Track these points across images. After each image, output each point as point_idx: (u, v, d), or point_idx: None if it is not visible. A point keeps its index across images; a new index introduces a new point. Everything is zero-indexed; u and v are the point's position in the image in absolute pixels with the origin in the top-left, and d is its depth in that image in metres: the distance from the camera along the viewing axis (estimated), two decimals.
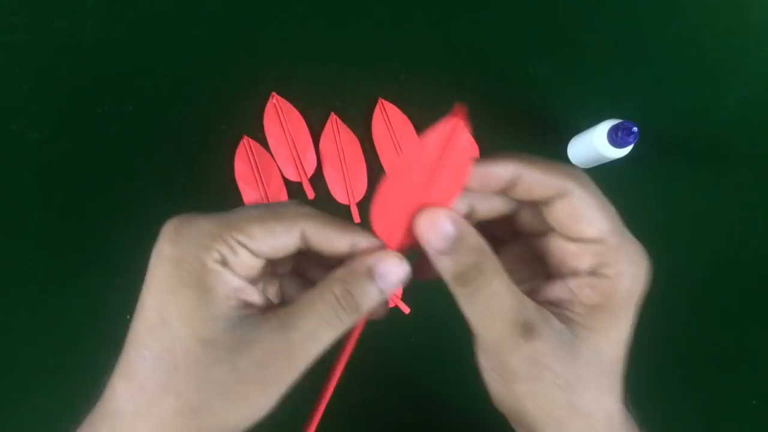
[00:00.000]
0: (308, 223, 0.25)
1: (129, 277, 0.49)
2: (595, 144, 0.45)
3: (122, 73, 0.51)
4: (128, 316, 0.43)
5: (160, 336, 0.23)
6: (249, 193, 0.49)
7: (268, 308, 0.25)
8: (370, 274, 0.24)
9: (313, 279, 0.29)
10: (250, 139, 0.49)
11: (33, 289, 0.48)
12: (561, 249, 0.25)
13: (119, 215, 0.49)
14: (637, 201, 0.51)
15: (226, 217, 0.24)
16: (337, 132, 0.50)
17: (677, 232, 0.50)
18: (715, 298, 0.50)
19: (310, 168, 0.50)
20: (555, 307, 0.25)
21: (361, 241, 0.25)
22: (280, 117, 0.50)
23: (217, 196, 0.49)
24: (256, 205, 0.25)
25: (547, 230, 0.26)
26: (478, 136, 0.50)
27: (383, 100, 0.50)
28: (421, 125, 0.50)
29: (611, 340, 0.25)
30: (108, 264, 0.48)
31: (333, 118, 0.50)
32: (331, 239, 0.25)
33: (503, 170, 0.24)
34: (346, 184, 0.50)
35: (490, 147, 0.51)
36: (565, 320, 0.24)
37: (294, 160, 0.50)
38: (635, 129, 0.43)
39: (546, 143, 0.51)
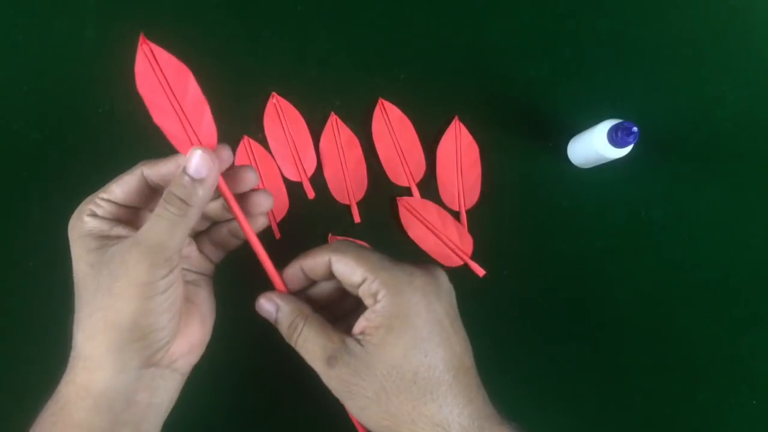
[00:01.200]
0: (145, 166, 0.36)
1: None
2: (595, 144, 0.45)
3: (122, 73, 0.51)
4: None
5: (75, 279, 0.35)
6: None
7: None
8: (185, 173, 0.33)
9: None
10: (251, 139, 0.49)
11: (33, 289, 0.48)
12: (357, 293, 0.35)
13: None
14: (637, 201, 0.51)
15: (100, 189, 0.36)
16: (337, 132, 0.50)
17: (677, 232, 0.50)
18: (715, 298, 0.50)
19: (310, 168, 0.50)
20: (361, 335, 0.33)
21: (180, 158, 0.35)
22: (280, 117, 0.50)
23: (216, 195, 0.49)
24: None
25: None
26: (478, 137, 0.51)
27: (383, 100, 0.50)
28: (421, 125, 0.50)
29: (398, 348, 0.32)
30: None
31: (333, 118, 0.50)
32: (160, 167, 0.35)
33: (293, 270, 0.38)
34: (346, 184, 0.50)
35: (490, 147, 0.51)
36: (364, 343, 0.33)
37: (294, 160, 0.50)
38: (635, 129, 0.43)
39: (546, 143, 0.51)
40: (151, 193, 0.37)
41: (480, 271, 0.49)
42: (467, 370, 0.34)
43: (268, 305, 0.37)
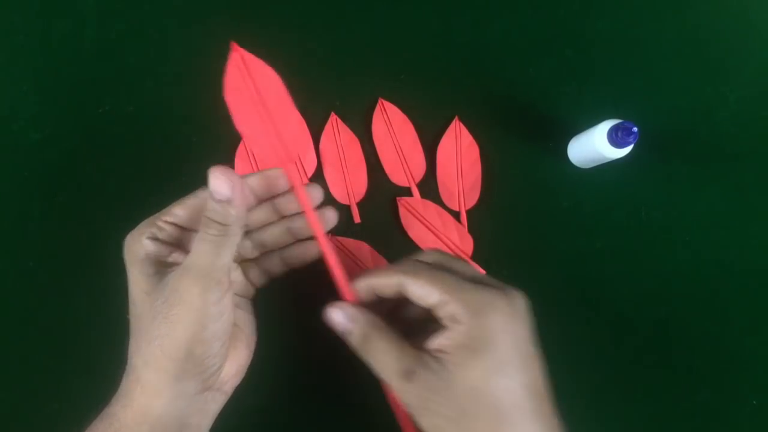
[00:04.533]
0: (203, 190, 0.36)
1: None
2: (595, 144, 0.45)
3: (122, 73, 0.51)
4: (128, 316, 0.43)
5: (130, 303, 0.35)
6: None
7: None
8: (209, 199, 0.33)
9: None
10: None
11: (33, 289, 0.48)
12: (436, 313, 0.33)
13: (119, 215, 0.49)
14: (637, 201, 0.51)
15: (160, 211, 0.36)
16: (337, 132, 0.50)
17: (677, 232, 0.50)
18: (715, 298, 0.50)
19: (310, 168, 0.50)
20: (439, 352, 0.32)
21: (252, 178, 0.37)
22: None
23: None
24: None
25: None
26: (478, 137, 0.51)
27: (383, 100, 0.50)
28: (421, 125, 0.50)
29: (479, 371, 0.31)
30: (108, 264, 0.48)
31: (333, 118, 0.50)
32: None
33: (362, 285, 0.36)
34: (346, 184, 0.50)
35: (490, 147, 0.51)
36: (444, 362, 0.31)
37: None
38: (635, 129, 0.43)
39: (546, 143, 0.51)
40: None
41: (480, 271, 0.49)
42: (545, 397, 0.33)
43: (339, 316, 0.35)
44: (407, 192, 0.50)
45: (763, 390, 0.49)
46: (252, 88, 0.36)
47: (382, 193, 0.50)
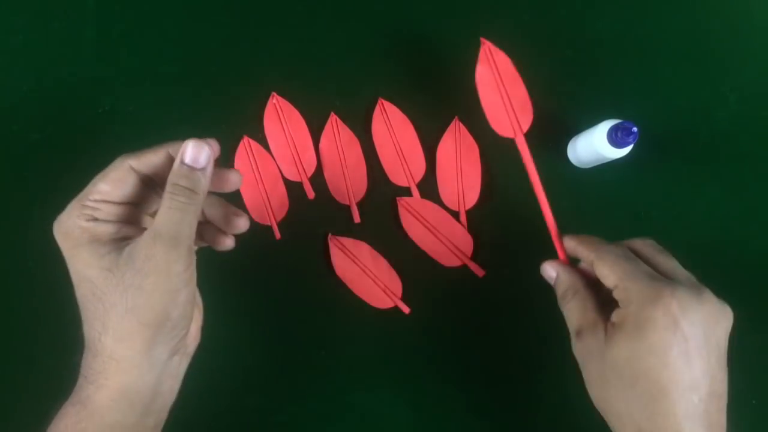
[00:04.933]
0: (131, 159, 0.36)
1: None
2: (595, 144, 0.45)
3: (122, 73, 0.51)
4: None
5: (82, 287, 0.35)
6: (249, 192, 0.49)
7: None
8: (183, 164, 0.35)
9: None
10: (250, 139, 0.49)
11: (33, 289, 0.48)
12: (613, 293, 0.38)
13: None
14: (637, 201, 0.51)
15: (80, 194, 0.36)
16: (337, 132, 0.50)
17: (677, 232, 0.50)
18: None
19: (310, 168, 0.50)
20: (609, 324, 0.37)
21: (172, 146, 0.36)
22: (280, 117, 0.50)
23: (216, 195, 0.49)
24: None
25: None
26: (478, 137, 0.51)
27: (383, 100, 0.50)
28: (421, 125, 0.50)
29: (625, 351, 0.35)
30: None
31: (333, 118, 0.50)
32: (150, 158, 0.36)
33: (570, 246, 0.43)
34: (346, 184, 0.50)
35: (490, 147, 0.51)
36: (608, 333, 0.36)
37: (294, 160, 0.50)
38: (635, 129, 0.43)
39: (546, 143, 0.51)
40: (144, 186, 0.37)
41: (480, 272, 0.49)
42: (697, 396, 0.34)
43: (550, 270, 0.42)
44: (407, 192, 0.50)
45: (763, 390, 0.49)
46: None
47: (382, 193, 0.50)
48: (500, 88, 0.47)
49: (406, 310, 0.49)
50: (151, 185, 0.38)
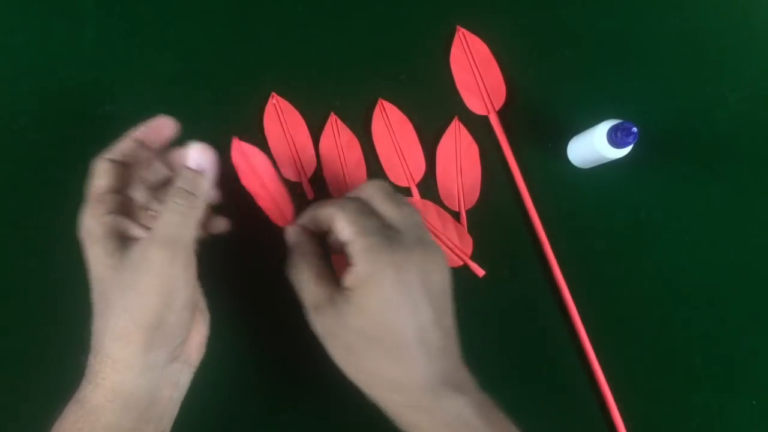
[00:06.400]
0: (105, 153, 0.38)
1: None
2: (594, 144, 0.45)
3: (122, 73, 0.51)
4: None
5: (93, 284, 0.36)
6: (251, 185, 0.49)
7: None
8: (188, 167, 0.36)
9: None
10: (240, 141, 0.49)
11: (33, 289, 0.48)
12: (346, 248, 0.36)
13: None
14: (637, 201, 0.51)
15: (87, 196, 0.37)
16: (337, 132, 0.50)
17: (677, 232, 0.50)
18: (715, 298, 0.50)
19: (310, 168, 0.50)
20: (345, 289, 0.36)
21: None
22: (280, 117, 0.50)
23: None
24: None
25: None
26: (478, 137, 0.51)
27: (383, 100, 0.50)
28: (421, 125, 0.50)
29: (366, 311, 0.35)
30: None
31: (333, 118, 0.50)
32: (120, 147, 0.39)
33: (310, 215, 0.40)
34: (346, 184, 0.50)
35: (490, 147, 0.51)
36: (345, 297, 0.35)
37: (294, 160, 0.50)
38: (635, 129, 0.43)
39: (546, 143, 0.51)
40: (138, 147, 0.40)
41: (480, 272, 0.49)
42: (433, 336, 0.35)
43: (289, 235, 0.40)
44: (407, 192, 0.50)
45: (763, 390, 0.49)
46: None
47: None
48: (473, 69, 0.50)
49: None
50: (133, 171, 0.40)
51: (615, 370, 0.48)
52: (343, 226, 0.36)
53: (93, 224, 0.36)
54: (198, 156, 0.35)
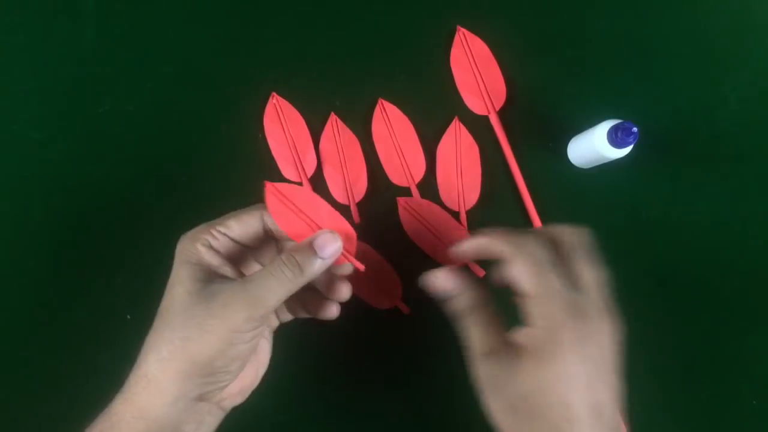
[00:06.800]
0: (266, 211, 0.37)
1: (129, 277, 0.50)
2: (595, 144, 0.45)
3: (122, 73, 0.51)
4: (128, 316, 0.44)
5: (166, 298, 0.35)
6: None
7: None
8: (311, 246, 0.36)
9: None
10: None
11: (33, 289, 0.48)
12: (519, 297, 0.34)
13: (119, 215, 0.49)
14: (637, 201, 0.51)
15: (215, 219, 0.37)
16: (337, 132, 0.50)
17: (677, 232, 0.50)
18: (715, 298, 0.50)
19: (310, 168, 0.50)
20: (516, 346, 0.34)
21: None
22: (280, 117, 0.50)
23: (216, 195, 0.49)
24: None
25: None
26: (478, 137, 0.51)
27: (383, 100, 0.50)
28: (421, 125, 0.50)
29: (539, 378, 0.32)
30: (108, 264, 0.48)
31: (333, 118, 0.50)
32: None
33: (474, 245, 0.37)
34: (346, 184, 0.50)
35: (490, 147, 0.51)
36: (516, 355, 0.33)
37: (294, 160, 0.50)
38: (635, 129, 0.43)
39: (546, 143, 0.51)
40: (265, 237, 0.39)
41: (480, 272, 0.49)
42: (606, 415, 0.33)
43: (445, 282, 0.37)
44: (407, 192, 0.50)
45: (763, 390, 0.49)
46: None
47: (382, 194, 0.50)
48: (474, 69, 0.50)
49: (405, 310, 0.49)
50: (274, 242, 0.40)
51: None
52: (521, 274, 0.33)
53: (193, 247, 0.36)
54: (324, 241, 0.36)
